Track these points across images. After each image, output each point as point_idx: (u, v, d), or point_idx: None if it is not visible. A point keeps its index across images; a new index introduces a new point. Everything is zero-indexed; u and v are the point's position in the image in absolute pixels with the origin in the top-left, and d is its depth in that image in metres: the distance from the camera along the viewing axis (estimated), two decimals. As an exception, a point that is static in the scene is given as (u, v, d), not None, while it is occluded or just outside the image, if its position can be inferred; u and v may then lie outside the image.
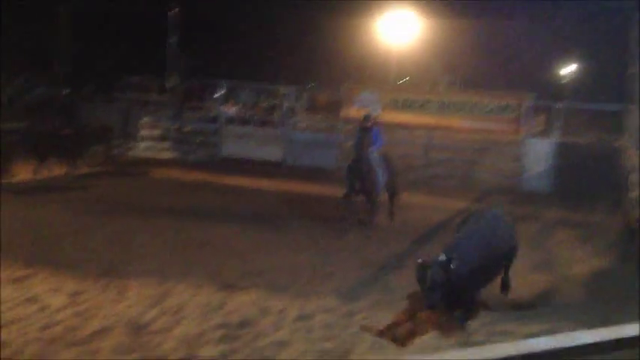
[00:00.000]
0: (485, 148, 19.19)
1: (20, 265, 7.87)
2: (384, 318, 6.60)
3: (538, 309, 7.49)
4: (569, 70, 36.99)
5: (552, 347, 2.19)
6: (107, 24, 29.92)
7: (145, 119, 20.88)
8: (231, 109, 23.81)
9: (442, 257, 6.32)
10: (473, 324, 6.64)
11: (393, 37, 30.87)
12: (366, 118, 12.12)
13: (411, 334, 6.16)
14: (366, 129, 11.66)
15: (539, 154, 17.52)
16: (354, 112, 19.17)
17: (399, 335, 6.12)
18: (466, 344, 5.90)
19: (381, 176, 11.62)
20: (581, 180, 15.65)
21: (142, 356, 5.55)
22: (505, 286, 7.70)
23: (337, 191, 13.89)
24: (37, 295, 6.95)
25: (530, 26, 29.31)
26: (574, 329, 2.60)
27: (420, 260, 6.49)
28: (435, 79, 29.89)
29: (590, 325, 5.58)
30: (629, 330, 2.28)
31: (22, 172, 14.67)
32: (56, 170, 15.42)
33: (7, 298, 6.78)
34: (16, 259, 8.14)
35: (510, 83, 25.18)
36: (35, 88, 25.26)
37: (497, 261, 7.18)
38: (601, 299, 7.85)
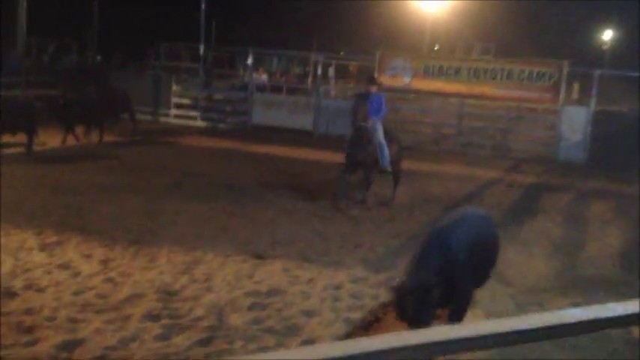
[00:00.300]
0: (520, 116, 18.94)
1: (52, 232, 8.03)
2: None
3: (571, 281, 7.42)
4: (605, 37, 36.10)
5: (586, 318, 2.17)
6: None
7: (176, 87, 20.97)
8: (261, 77, 23.79)
9: (422, 278, 4.81)
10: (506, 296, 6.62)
11: (426, 4, 30.41)
12: (370, 80, 10.91)
13: None
14: (362, 96, 10.43)
15: (575, 122, 17.19)
16: (387, 79, 19.04)
17: None
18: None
19: (387, 149, 10.40)
20: (618, 149, 15.36)
21: (172, 323, 5.64)
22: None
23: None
24: (69, 261, 7.09)
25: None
26: (607, 302, 2.56)
27: (395, 286, 5.02)
28: (468, 46, 29.43)
29: (624, 297, 5.53)
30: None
31: (51, 140, 14.85)
32: (83, 138, 15.53)
33: (40, 263, 6.94)
34: (48, 225, 8.31)
35: (545, 50, 24.69)
36: (67, 56, 25.52)
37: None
38: (635, 272, 7.74)
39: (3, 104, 13.86)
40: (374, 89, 10.40)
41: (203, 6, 22.99)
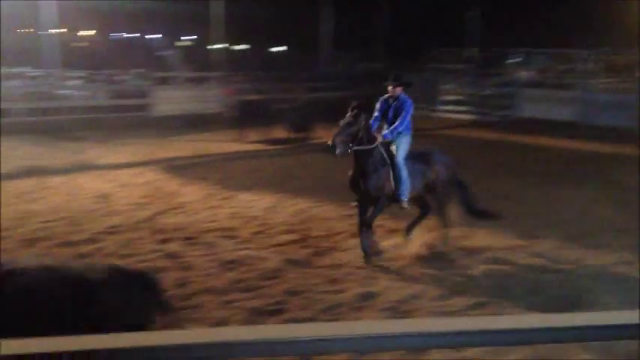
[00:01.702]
0: None
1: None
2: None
3: None
4: None
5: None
6: (416, 6, 30.52)
7: (446, 86, 21.02)
8: (525, 74, 22.74)
9: None
10: None
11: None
12: (395, 78, 6.59)
13: None
14: (360, 107, 6.31)
15: None
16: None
17: None
18: None
19: (408, 177, 6.45)
20: None
21: (453, 285, 5.72)
22: None
23: (635, 151, 12.43)
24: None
25: None
26: None
27: None
28: None
29: None
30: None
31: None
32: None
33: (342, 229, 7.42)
34: (347, 199, 8.39)
35: None
36: (358, 64, 27.07)
37: None
38: None
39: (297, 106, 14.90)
40: (398, 91, 6.51)
41: (471, 14, 22.63)
